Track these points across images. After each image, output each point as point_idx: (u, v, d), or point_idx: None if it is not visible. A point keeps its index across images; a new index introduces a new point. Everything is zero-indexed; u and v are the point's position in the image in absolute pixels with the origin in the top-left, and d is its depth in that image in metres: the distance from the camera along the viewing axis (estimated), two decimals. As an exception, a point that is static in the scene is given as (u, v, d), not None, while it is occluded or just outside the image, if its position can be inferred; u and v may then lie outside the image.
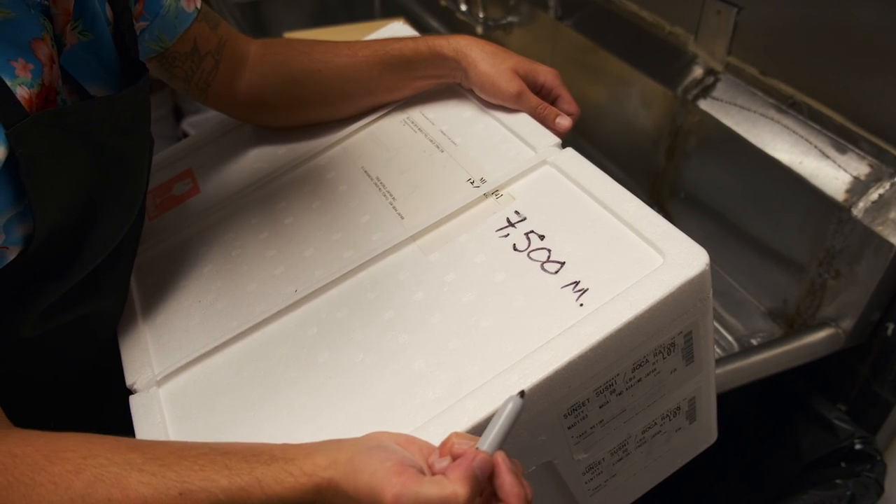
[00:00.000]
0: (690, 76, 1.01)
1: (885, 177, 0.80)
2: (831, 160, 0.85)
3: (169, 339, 0.62)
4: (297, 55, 0.73)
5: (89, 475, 0.40)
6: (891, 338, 0.85)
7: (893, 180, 0.80)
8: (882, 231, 0.78)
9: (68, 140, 0.49)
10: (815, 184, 0.85)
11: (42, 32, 0.49)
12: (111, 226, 0.57)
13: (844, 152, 0.84)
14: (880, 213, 0.79)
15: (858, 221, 0.80)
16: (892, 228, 0.78)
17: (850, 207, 0.81)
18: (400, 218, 0.63)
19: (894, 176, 0.80)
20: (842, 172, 0.84)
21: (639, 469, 0.62)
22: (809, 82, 0.88)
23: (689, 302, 0.51)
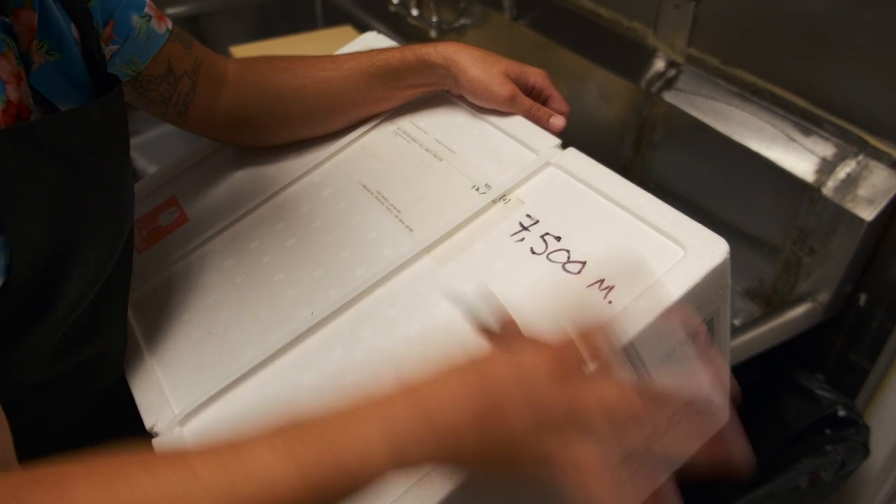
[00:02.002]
0: (652, 69, 1.04)
1: (850, 155, 0.84)
2: (798, 143, 0.89)
3: (183, 376, 0.60)
4: (278, 72, 0.72)
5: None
6: (864, 308, 0.89)
7: (858, 158, 0.84)
8: (852, 207, 0.82)
9: (40, 156, 0.46)
10: (785, 167, 0.88)
11: (3, 48, 0.47)
12: (101, 248, 0.54)
13: (809, 135, 0.88)
14: (849, 191, 0.83)
15: (829, 200, 0.84)
16: (861, 204, 0.82)
17: (819, 187, 0.85)
18: (409, 231, 0.62)
19: (859, 154, 0.84)
20: (809, 154, 0.87)
21: (658, 459, 0.63)
22: (770, 69, 0.91)
23: (712, 290, 0.53)
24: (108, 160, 0.53)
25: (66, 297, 0.51)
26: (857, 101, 0.83)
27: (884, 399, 0.95)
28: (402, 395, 0.38)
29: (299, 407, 0.38)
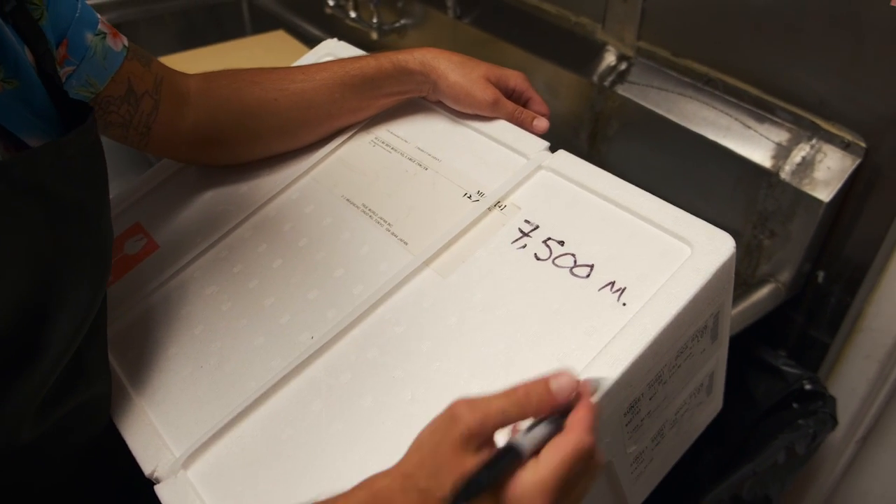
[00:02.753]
0: (604, 63, 1.05)
1: (804, 139, 0.87)
2: (752, 130, 0.91)
3: (178, 416, 0.56)
4: (246, 85, 0.68)
5: None
6: (822, 284, 0.93)
7: (812, 142, 0.87)
8: (810, 189, 0.85)
9: (16, 196, 0.43)
10: (742, 154, 0.91)
11: None
12: (85, 289, 0.50)
13: (763, 122, 0.91)
14: (806, 174, 0.86)
15: (787, 184, 0.87)
16: (818, 186, 0.85)
17: (777, 172, 0.88)
18: (403, 244, 0.61)
19: (812, 138, 0.87)
20: (764, 140, 0.90)
21: (669, 449, 0.64)
22: (721, 59, 0.93)
23: (719, 285, 0.53)
24: (88, 195, 0.49)
25: (52, 345, 0.47)
26: (808, 87, 0.85)
27: (843, 370, 1.00)
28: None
29: None
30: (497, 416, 0.38)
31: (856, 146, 0.83)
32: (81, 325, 0.49)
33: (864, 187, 0.84)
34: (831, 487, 1.10)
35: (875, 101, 0.79)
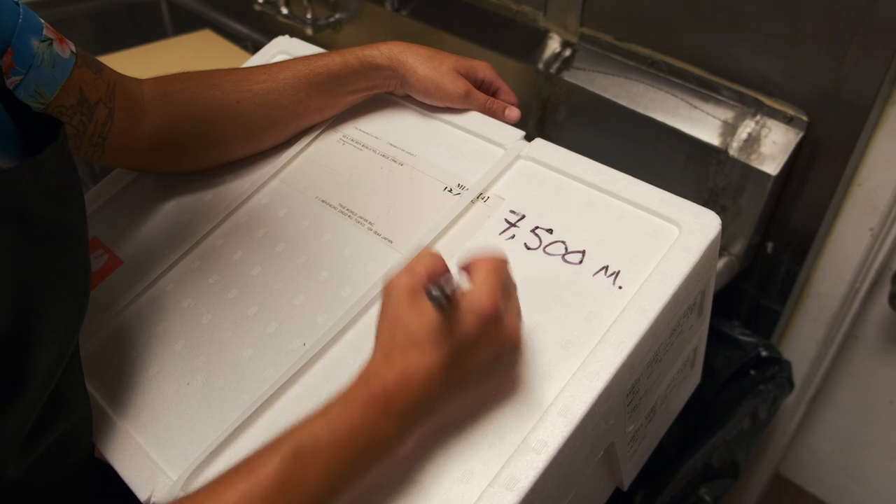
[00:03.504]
0: (548, 51, 1.06)
1: (749, 116, 0.91)
2: (699, 109, 0.94)
3: (169, 436, 0.54)
4: (205, 88, 0.66)
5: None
6: (771, 255, 0.97)
7: (756, 118, 0.90)
8: (758, 164, 0.88)
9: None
10: (690, 133, 0.93)
11: None
12: (66, 315, 0.47)
13: (708, 101, 0.94)
14: (752, 149, 0.90)
15: (736, 160, 0.90)
16: (765, 160, 0.88)
17: (726, 149, 0.91)
18: (388, 242, 0.60)
19: (756, 115, 0.90)
20: (711, 119, 0.93)
21: (658, 425, 0.66)
22: (664, 42, 0.96)
23: (707, 262, 0.55)
24: (67, 214, 0.46)
25: (35, 376, 0.44)
26: (750, 66, 0.89)
27: (794, 335, 1.04)
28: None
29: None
30: (423, 274, 0.44)
31: (798, 120, 0.86)
32: (64, 351, 0.46)
33: (808, 159, 0.88)
34: (785, 447, 1.15)
35: (814, 77, 0.82)
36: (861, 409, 1.06)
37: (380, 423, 0.42)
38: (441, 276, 0.44)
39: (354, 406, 0.42)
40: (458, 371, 0.43)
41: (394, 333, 0.43)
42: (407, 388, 0.42)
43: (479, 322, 0.43)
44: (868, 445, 1.09)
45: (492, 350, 0.44)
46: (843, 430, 1.10)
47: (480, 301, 0.43)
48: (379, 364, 0.43)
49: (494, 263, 0.45)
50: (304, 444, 0.41)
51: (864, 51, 0.77)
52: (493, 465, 0.47)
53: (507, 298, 0.45)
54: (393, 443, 0.43)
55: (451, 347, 0.42)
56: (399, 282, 0.44)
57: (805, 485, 1.22)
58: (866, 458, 1.10)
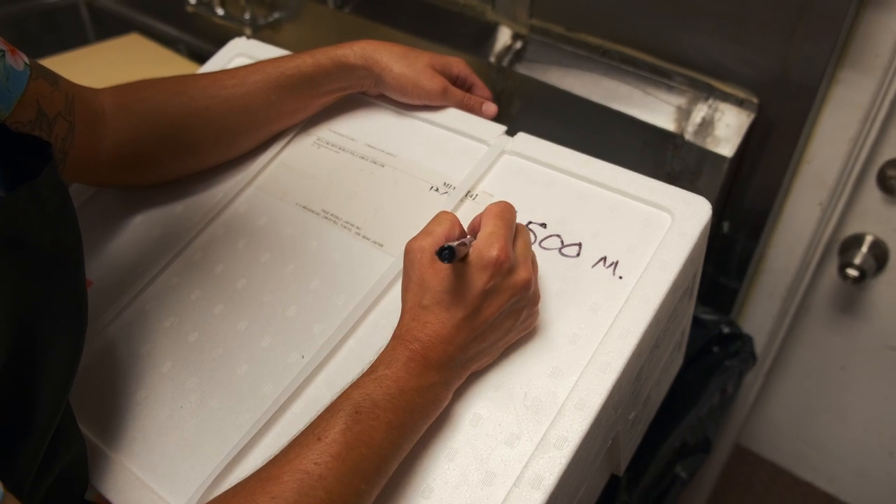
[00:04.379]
0: (499, 43, 1.06)
1: (701, 100, 0.93)
2: (653, 96, 0.96)
3: (168, 464, 0.51)
4: (171, 96, 0.62)
5: None
6: (727, 234, 1.00)
7: (709, 102, 0.92)
8: (713, 147, 0.91)
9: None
10: (646, 119, 0.95)
11: None
12: (67, 344, 0.45)
13: (661, 87, 0.95)
14: (707, 132, 0.92)
15: (692, 144, 0.92)
16: (720, 143, 0.91)
17: (681, 133, 0.93)
18: (378, 246, 0.58)
19: (708, 99, 0.92)
20: (664, 105, 0.95)
21: (651, 408, 0.67)
22: (614, 30, 0.97)
23: (700, 247, 0.56)
24: (65, 239, 0.44)
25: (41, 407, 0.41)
26: (700, 51, 0.91)
27: (750, 310, 1.08)
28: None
29: None
30: (441, 235, 0.47)
31: (749, 103, 0.89)
32: (68, 380, 0.44)
33: (759, 140, 0.91)
34: (744, 419, 1.19)
35: (763, 60, 0.85)
36: (814, 377, 1.11)
37: (423, 375, 0.45)
38: (458, 235, 0.48)
39: (398, 364, 0.45)
40: (480, 320, 0.46)
41: (419, 295, 0.47)
42: (440, 343, 0.45)
43: (489, 272, 0.45)
44: (822, 411, 1.14)
45: (507, 294, 0.47)
46: (799, 398, 1.15)
47: (487, 252, 0.46)
48: (410, 325, 0.46)
49: (499, 211, 0.48)
50: (362, 403, 0.43)
51: (810, 34, 0.80)
52: (514, 464, 0.46)
53: (516, 243, 0.48)
54: (439, 392, 0.46)
55: (470, 299, 0.46)
56: (419, 244, 0.47)
57: (764, 453, 1.27)
58: (820, 424, 1.15)
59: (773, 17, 0.81)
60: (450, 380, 0.47)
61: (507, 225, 0.48)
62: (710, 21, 0.87)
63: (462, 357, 0.47)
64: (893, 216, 0.91)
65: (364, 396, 0.43)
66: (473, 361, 0.48)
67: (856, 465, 1.17)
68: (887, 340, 1.01)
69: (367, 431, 0.42)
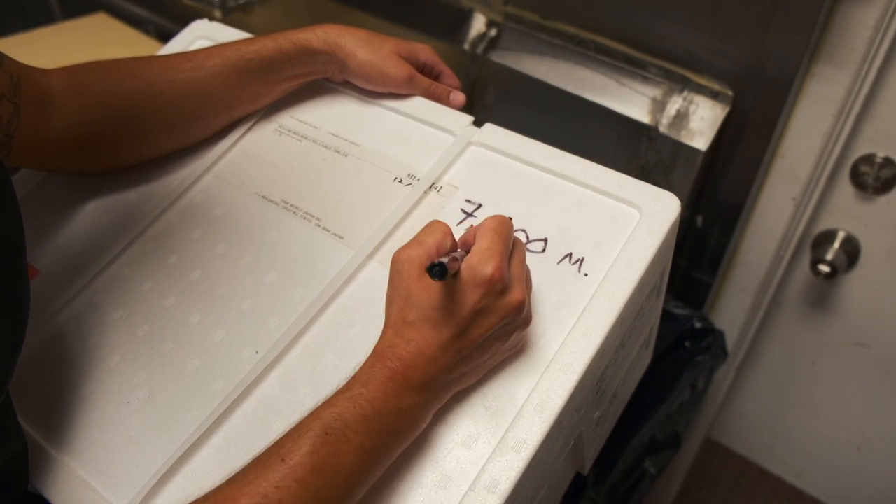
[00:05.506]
0: (473, 31, 1.04)
1: (676, 93, 0.92)
2: (628, 87, 0.94)
3: (111, 463, 0.49)
4: (124, 79, 0.60)
5: None
6: (701, 228, 0.99)
7: (684, 94, 0.91)
8: (687, 140, 0.90)
9: None
10: (620, 111, 0.93)
11: None
12: (6, 340, 0.43)
13: (636, 78, 0.94)
14: (682, 125, 0.91)
15: (666, 136, 0.91)
16: (694, 135, 0.90)
17: (656, 125, 0.91)
18: (339, 238, 0.56)
19: (683, 91, 0.91)
20: (639, 96, 0.93)
21: (617, 406, 0.66)
22: (590, 19, 0.95)
23: (668, 244, 0.54)
24: (3, 228, 0.41)
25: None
26: (675, 42, 0.89)
27: (722, 305, 1.08)
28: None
29: None
30: (432, 247, 0.44)
31: (724, 95, 0.88)
32: (5, 378, 0.42)
33: (734, 133, 0.90)
34: (715, 412, 1.19)
35: (738, 52, 0.84)
36: (785, 372, 1.11)
37: (402, 397, 0.42)
38: (449, 247, 0.45)
39: (375, 383, 0.42)
40: (468, 340, 0.44)
41: (404, 309, 0.44)
42: (423, 363, 0.43)
43: (481, 291, 0.43)
44: (792, 405, 1.14)
45: (498, 315, 0.44)
46: (769, 392, 1.15)
47: (481, 269, 0.43)
48: (392, 341, 0.44)
49: (496, 226, 0.45)
50: (333, 424, 0.40)
51: (785, 27, 0.79)
52: (470, 467, 0.45)
53: (512, 261, 0.45)
54: (417, 415, 0.44)
55: (459, 319, 0.43)
56: (407, 255, 0.44)
57: (734, 447, 1.27)
58: (791, 418, 1.16)
59: (748, 9, 0.80)
60: (430, 402, 0.44)
61: (504, 241, 0.45)
62: (685, 12, 0.86)
63: (445, 378, 0.44)
64: (866, 212, 0.90)
65: (335, 416, 0.41)
66: (457, 383, 0.46)
67: (825, 459, 1.17)
68: (857, 336, 1.01)
69: (336, 455, 0.39)
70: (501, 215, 0.47)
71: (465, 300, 0.43)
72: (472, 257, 0.43)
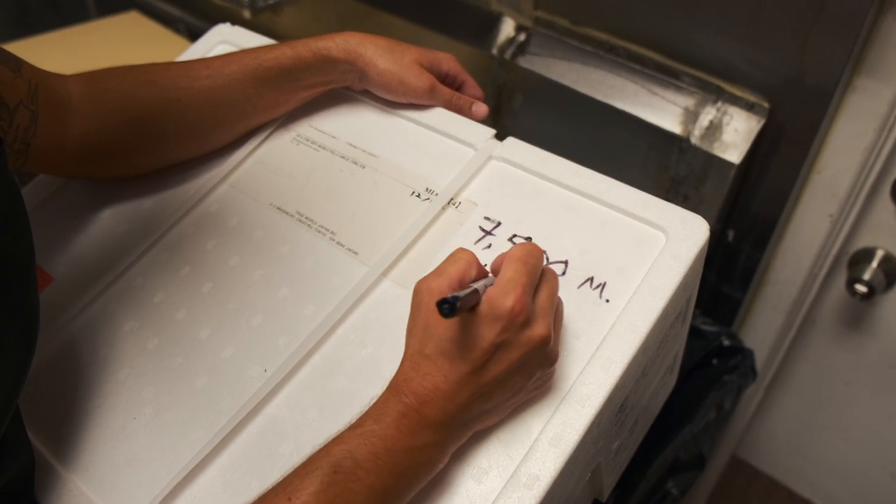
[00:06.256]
0: (502, 35, 1.02)
1: (710, 103, 0.89)
2: (659, 96, 0.91)
3: (115, 480, 0.48)
4: (141, 86, 0.59)
5: None
6: (731, 243, 0.96)
7: (717, 105, 0.88)
8: (720, 152, 0.87)
9: None
10: (651, 121, 0.91)
11: None
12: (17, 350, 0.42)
13: (668, 87, 0.91)
14: (715, 137, 0.88)
15: (698, 148, 0.88)
16: (727, 148, 0.87)
17: (687, 137, 0.89)
18: (353, 254, 0.55)
19: (717, 101, 0.88)
20: (671, 106, 0.91)
21: (638, 433, 0.63)
22: (622, 26, 0.92)
23: (696, 270, 0.52)
24: (11, 244, 0.41)
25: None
26: (710, 51, 0.86)
27: (752, 322, 1.04)
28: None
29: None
30: (455, 277, 0.42)
31: (759, 107, 0.85)
32: (13, 394, 0.41)
33: (769, 147, 0.87)
34: (742, 430, 1.16)
35: (776, 63, 0.81)
36: (817, 392, 1.07)
37: (416, 435, 0.40)
38: (474, 276, 0.43)
39: (388, 419, 0.40)
40: (487, 377, 0.41)
41: (422, 342, 0.42)
42: (439, 399, 0.41)
43: (500, 324, 0.40)
44: (823, 427, 1.10)
45: (519, 351, 0.41)
46: (800, 412, 1.12)
47: (501, 302, 0.40)
48: (408, 374, 0.42)
49: (522, 255, 0.42)
50: (343, 462, 0.38)
51: (826, 37, 0.75)
52: (481, 502, 0.43)
53: (539, 293, 0.43)
54: (432, 454, 0.41)
55: (477, 353, 0.40)
56: (428, 285, 0.42)
57: (761, 466, 1.23)
58: (821, 440, 1.12)
59: (788, 18, 0.76)
60: (446, 441, 0.42)
61: (530, 272, 0.42)
62: (722, 20, 0.83)
63: (464, 416, 0.42)
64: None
65: (345, 454, 0.39)
66: (477, 421, 0.43)
67: (855, 484, 1.14)
68: (894, 359, 0.97)
69: (344, 495, 0.38)
70: (530, 243, 0.44)
71: (483, 334, 0.40)
72: (493, 289, 0.41)
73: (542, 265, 0.44)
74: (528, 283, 0.41)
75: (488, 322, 0.40)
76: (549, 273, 0.45)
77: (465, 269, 0.42)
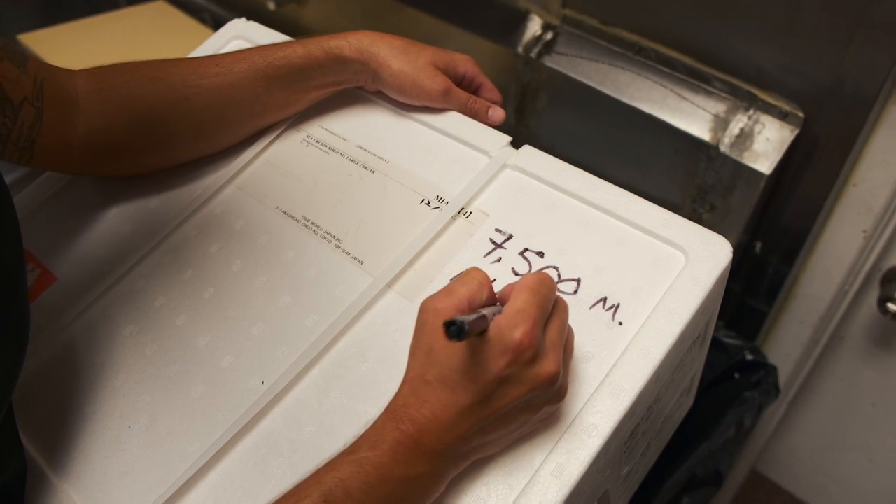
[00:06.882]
0: (528, 33, 0.99)
1: (741, 110, 0.85)
2: (689, 101, 0.88)
3: (107, 491, 0.47)
4: (148, 83, 0.57)
5: None
6: (759, 255, 0.93)
7: (749, 113, 0.85)
8: (750, 162, 0.83)
9: None
10: (679, 126, 0.87)
11: None
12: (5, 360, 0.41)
13: (699, 92, 0.88)
14: (745, 146, 0.84)
15: (727, 156, 0.84)
16: (758, 158, 0.83)
17: (717, 144, 0.85)
18: (358, 263, 0.53)
19: (749, 109, 0.85)
20: (701, 111, 0.87)
21: (651, 456, 0.61)
22: (652, 28, 0.89)
23: (716, 293, 0.49)
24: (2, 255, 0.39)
25: None
26: (744, 57, 0.83)
27: (778, 336, 1.01)
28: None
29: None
30: (465, 299, 0.39)
31: (794, 116, 0.81)
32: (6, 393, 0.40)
33: (803, 158, 0.83)
34: (763, 445, 1.13)
35: (812, 71, 0.77)
36: (843, 411, 1.03)
37: (412, 464, 0.39)
38: (485, 300, 0.41)
39: (384, 446, 0.38)
40: (490, 410, 0.39)
41: (424, 365, 0.39)
42: (437, 428, 0.39)
43: (507, 357, 0.38)
44: (848, 446, 1.07)
45: (525, 387, 0.39)
46: (824, 430, 1.08)
47: (509, 333, 0.38)
48: (407, 400, 0.40)
49: (533, 285, 0.40)
50: (333, 490, 0.37)
51: (868, 44, 0.72)
52: (478, 533, 0.41)
53: (549, 326, 0.41)
54: (428, 484, 0.40)
55: (481, 385, 0.38)
56: (435, 305, 0.39)
57: (781, 482, 1.20)
58: (845, 459, 1.08)
59: (828, 25, 0.73)
60: (443, 471, 0.40)
61: (540, 304, 0.39)
62: (757, 24, 0.80)
63: (462, 448, 0.40)
64: (944, 251, 0.83)
65: (337, 482, 0.37)
66: (476, 452, 0.41)
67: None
68: (926, 381, 0.93)
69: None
70: (543, 273, 0.42)
71: (489, 365, 0.38)
72: (502, 318, 0.39)
73: (555, 296, 0.42)
74: (539, 316, 0.39)
75: (494, 353, 0.38)
76: (561, 304, 0.42)
77: (477, 291, 0.40)
